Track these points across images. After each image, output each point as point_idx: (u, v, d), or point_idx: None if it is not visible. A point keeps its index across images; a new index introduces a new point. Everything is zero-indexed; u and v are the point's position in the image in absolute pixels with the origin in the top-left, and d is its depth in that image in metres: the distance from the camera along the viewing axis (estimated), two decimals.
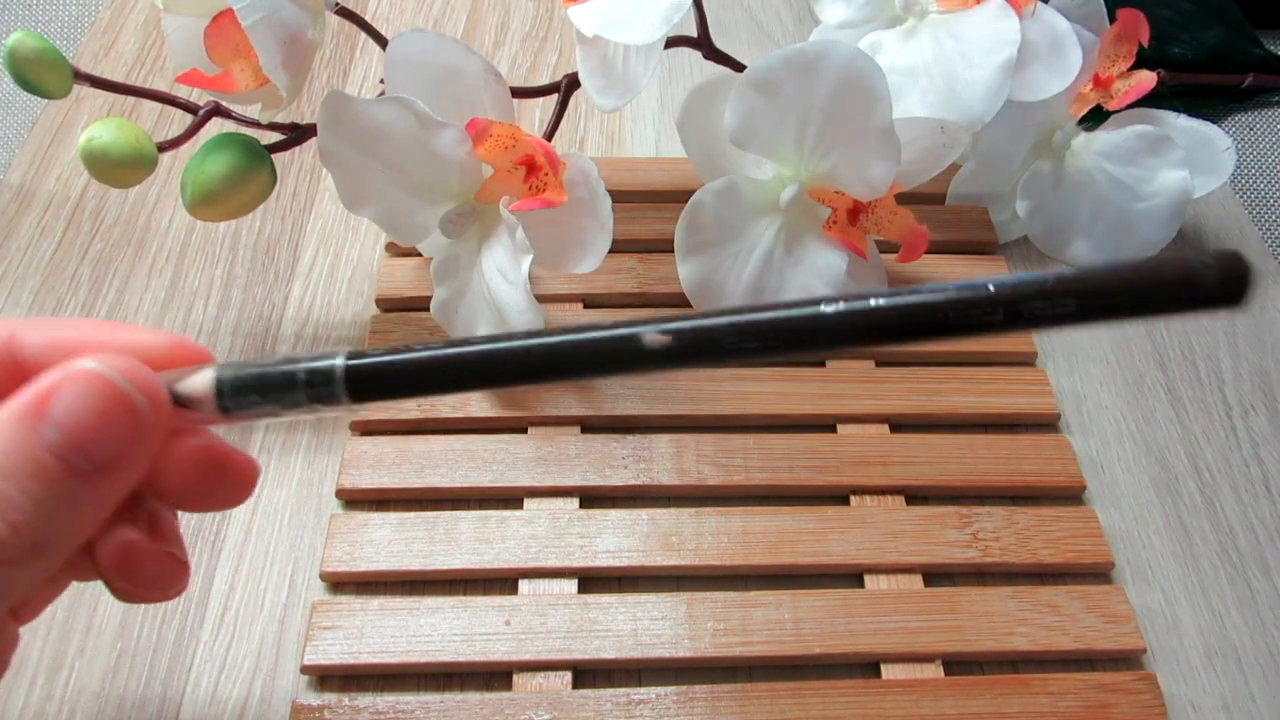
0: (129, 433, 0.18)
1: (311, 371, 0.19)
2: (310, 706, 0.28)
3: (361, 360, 0.19)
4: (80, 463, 0.18)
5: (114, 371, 0.18)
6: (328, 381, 0.19)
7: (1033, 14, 0.36)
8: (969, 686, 0.29)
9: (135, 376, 0.18)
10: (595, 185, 0.32)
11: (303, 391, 0.19)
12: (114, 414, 0.18)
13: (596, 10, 0.34)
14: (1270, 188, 0.47)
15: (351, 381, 0.19)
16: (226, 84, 0.33)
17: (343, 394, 0.19)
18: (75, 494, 0.18)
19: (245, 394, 0.19)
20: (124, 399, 0.18)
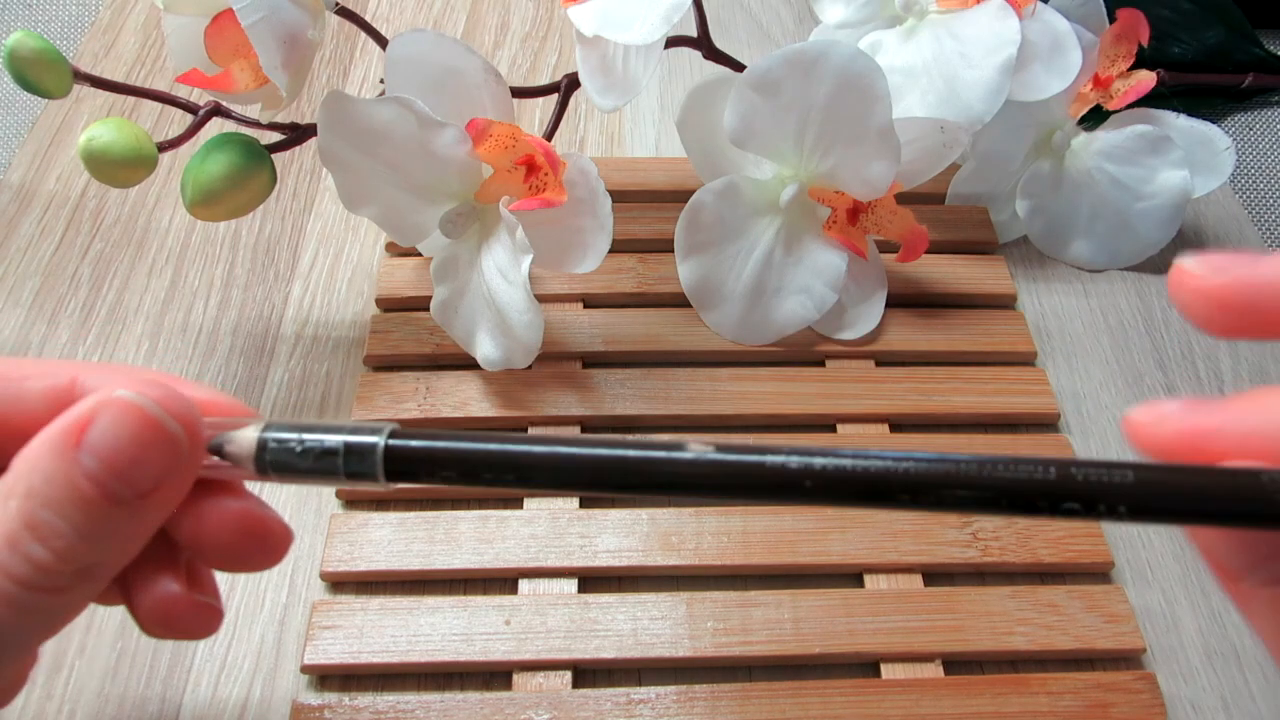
0: (166, 460, 0.19)
1: (350, 447, 0.19)
2: (310, 706, 0.28)
3: (401, 443, 0.19)
4: (119, 489, 0.18)
5: (148, 400, 0.18)
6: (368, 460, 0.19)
7: (1033, 14, 0.36)
8: (969, 686, 0.29)
9: (169, 404, 0.19)
10: (595, 185, 0.32)
11: (340, 466, 0.19)
12: (150, 441, 0.18)
13: (596, 10, 0.34)
14: (1270, 188, 0.47)
15: (390, 463, 0.19)
16: (226, 84, 0.33)
17: (380, 474, 0.19)
18: (115, 521, 0.18)
19: (285, 459, 0.19)
20: (159, 427, 0.18)
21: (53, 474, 0.18)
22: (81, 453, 0.18)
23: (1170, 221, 0.40)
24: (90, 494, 0.18)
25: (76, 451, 0.18)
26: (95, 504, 0.18)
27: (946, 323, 0.38)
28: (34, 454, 0.18)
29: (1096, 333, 0.39)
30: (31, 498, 0.18)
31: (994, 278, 0.39)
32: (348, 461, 0.19)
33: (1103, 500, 0.17)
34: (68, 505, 0.18)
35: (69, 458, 0.18)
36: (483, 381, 0.35)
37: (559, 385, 0.35)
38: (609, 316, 0.38)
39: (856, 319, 0.37)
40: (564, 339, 0.37)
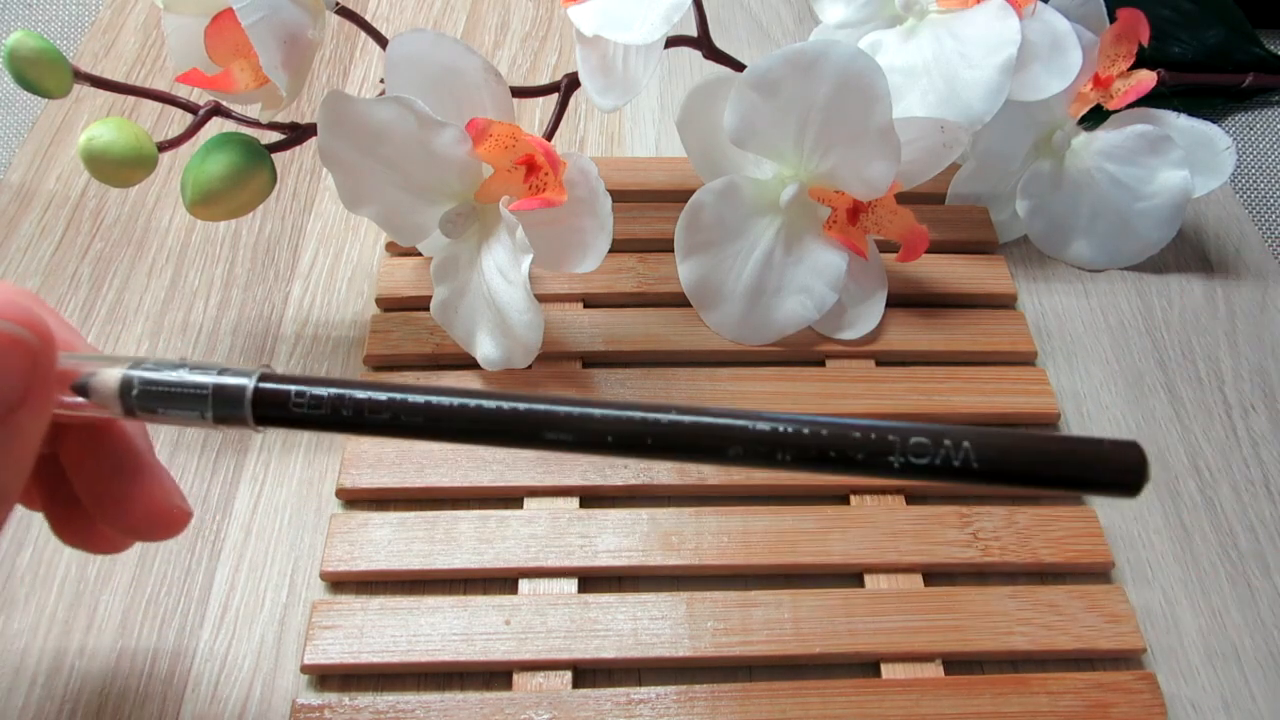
0: (23, 365, 0.18)
1: (219, 389, 0.19)
2: (310, 706, 0.28)
3: (272, 385, 0.19)
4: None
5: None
6: (235, 404, 0.19)
7: (1033, 14, 0.36)
8: (969, 686, 0.29)
9: (10, 312, 0.18)
10: (595, 185, 0.32)
11: (209, 409, 0.19)
12: (2, 354, 0.18)
13: (596, 10, 0.34)
14: (1270, 187, 0.47)
15: (259, 407, 0.19)
16: (226, 84, 0.33)
17: (248, 416, 0.19)
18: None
19: (151, 400, 0.19)
20: (6, 337, 0.18)
21: None
22: None
23: (1170, 221, 0.40)
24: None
25: None
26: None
27: (947, 323, 0.38)
28: None
29: (1097, 333, 0.39)
30: None
31: (994, 278, 0.39)
32: (216, 405, 0.19)
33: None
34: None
35: None
36: (483, 381, 0.35)
37: (559, 385, 0.35)
38: (609, 316, 0.38)
39: (857, 319, 0.37)
40: (564, 339, 0.37)
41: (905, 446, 0.18)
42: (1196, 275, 0.42)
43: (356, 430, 0.19)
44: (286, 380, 0.19)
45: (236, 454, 0.34)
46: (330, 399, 0.19)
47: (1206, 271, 0.42)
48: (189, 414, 0.19)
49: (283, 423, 0.19)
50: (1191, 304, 0.40)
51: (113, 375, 0.19)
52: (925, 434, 0.18)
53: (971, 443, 0.18)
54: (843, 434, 0.18)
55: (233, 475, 0.34)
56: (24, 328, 0.18)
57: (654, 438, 0.18)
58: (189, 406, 0.19)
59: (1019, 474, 0.18)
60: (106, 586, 0.31)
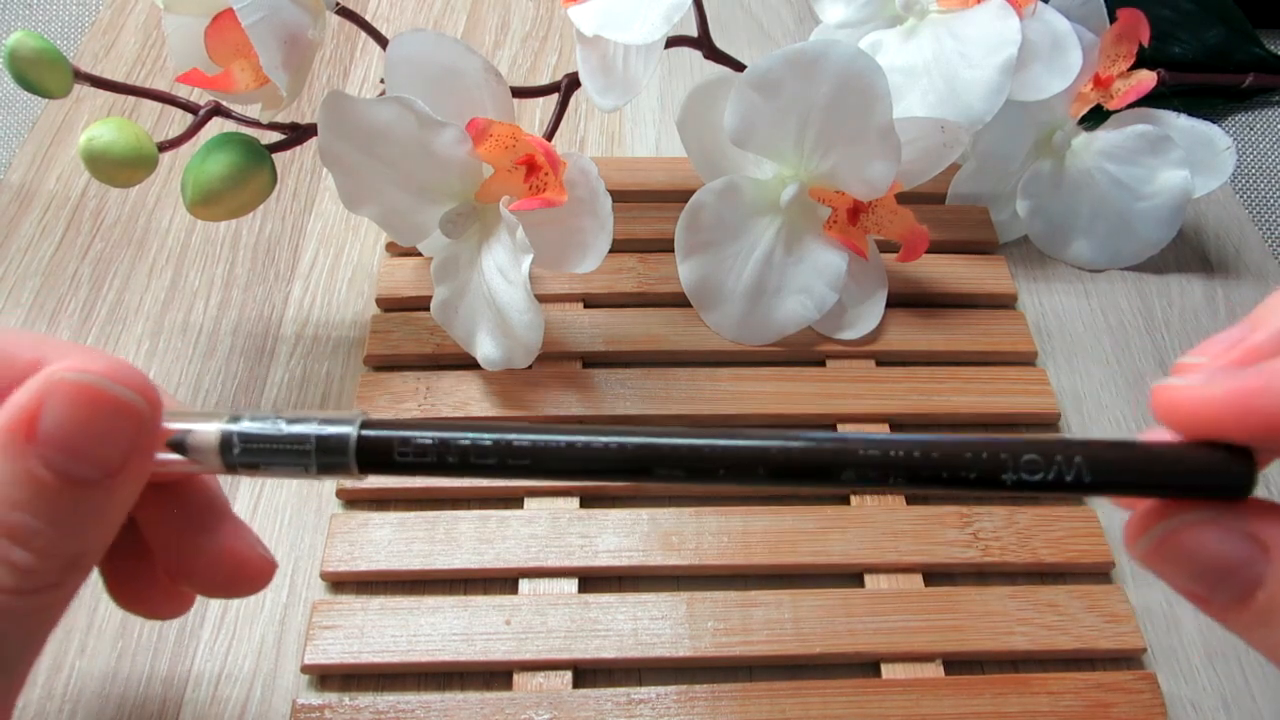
0: (129, 431, 0.18)
1: (323, 441, 0.19)
2: (311, 706, 0.28)
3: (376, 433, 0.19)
4: (87, 473, 0.17)
5: (94, 376, 0.17)
6: (339, 453, 0.19)
7: (1033, 14, 0.36)
8: (969, 686, 0.29)
9: (118, 374, 0.18)
10: (595, 185, 0.32)
11: (313, 462, 0.19)
12: (108, 416, 0.18)
13: (596, 10, 0.34)
14: (1270, 188, 0.47)
15: (363, 455, 0.19)
16: (227, 84, 0.33)
17: (352, 465, 0.19)
18: (90, 505, 0.18)
19: (252, 455, 0.19)
20: (114, 401, 0.18)
21: (11, 474, 0.17)
22: (37, 446, 0.17)
23: (1171, 221, 0.40)
24: (56, 484, 0.17)
25: (31, 445, 0.17)
26: (64, 493, 0.17)
27: (947, 323, 0.38)
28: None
29: (1097, 333, 0.39)
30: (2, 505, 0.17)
31: (994, 278, 0.39)
32: (320, 455, 0.19)
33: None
34: (36, 502, 0.17)
35: (24, 453, 0.17)
36: (483, 381, 0.35)
37: (559, 385, 0.35)
38: (609, 316, 0.38)
39: (857, 319, 0.37)
40: (564, 339, 0.37)
41: (1018, 464, 0.18)
42: (1196, 275, 0.42)
43: (462, 474, 0.19)
44: (388, 426, 0.19)
45: None
46: (436, 446, 0.19)
47: (1206, 271, 0.42)
48: (292, 467, 0.19)
49: (387, 470, 0.19)
50: (1191, 304, 0.40)
51: (211, 431, 0.19)
52: (1036, 449, 0.18)
53: (1083, 457, 0.18)
54: (955, 454, 0.18)
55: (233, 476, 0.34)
56: (134, 392, 0.18)
57: (766, 467, 0.18)
58: (292, 460, 0.19)
59: (1131, 484, 0.18)
60: None
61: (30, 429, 0.17)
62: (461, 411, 0.35)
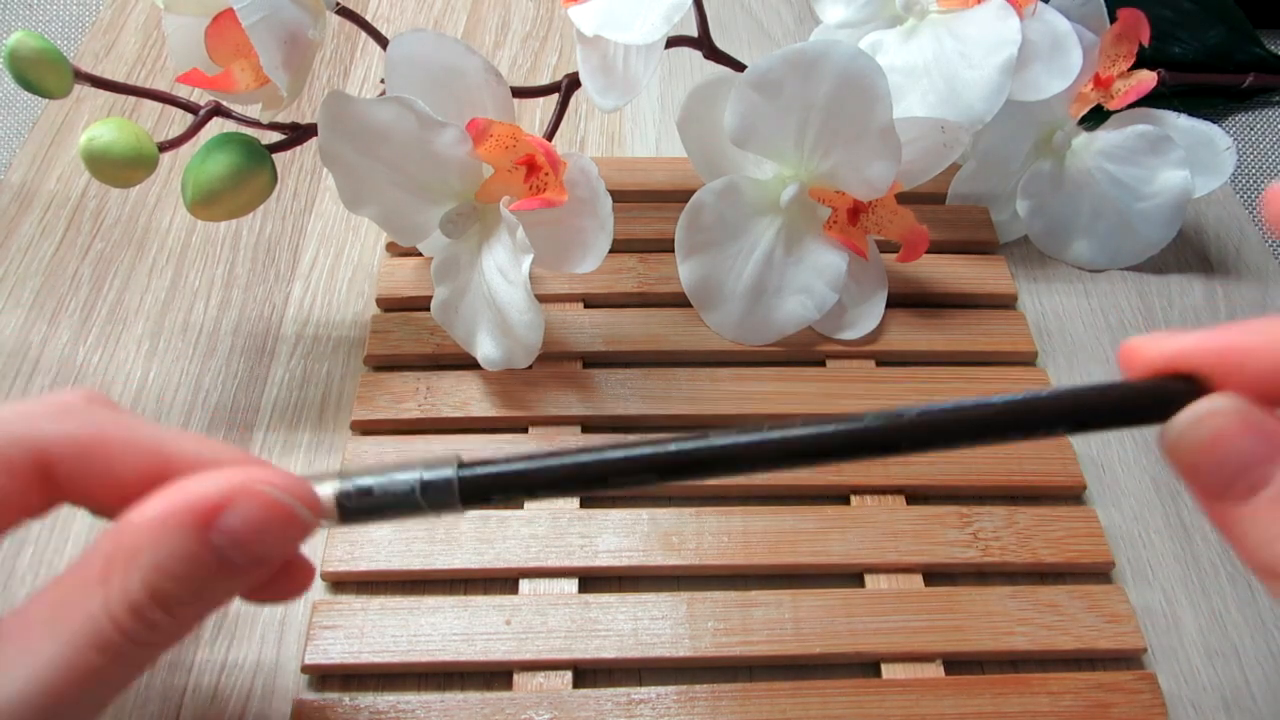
0: (295, 539, 0.21)
1: (425, 484, 0.21)
2: (311, 706, 0.28)
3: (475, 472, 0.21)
4: (245, 564, 0.20)
5: (280, 492, 0.20)
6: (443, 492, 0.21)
7: (1033, 14, 0.36)
8: (969, 686, 0.29)
9: (298, 491, 0.20)
10: (595, 185, 0.32)
11: (421, 504, 0.21)
12: (282, 526, 0.20)
13: (597, 10, 0.34)
14: None
15: (465, 493, 0.21)
16: (227, 84, 0.33)
17: (456, 503, 0.21)
18: (233, 585, 0.20)
19: (364, 507, 0.21)
20: (292, 515, 0.20)
21: (182, 552, 0.19)
22: (214, 534, 0.19)
23: (1171, 221, 0.40)
24: (216, 568, 0.20)
25: (208, 532, 0.19)
26: (220, 576, 0.20)
27: (947, 323, 0.38)
28: (157, 529, 0.19)
29: (1097, 333, 0.39)
30: (159, 571, 0.19)
31: (995, 278, 0.39)
32: (426, 497, 0.21)
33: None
34: (195, 580, 0.19)
35: (200, 539, 0.19)
36: (483, 381, 0.35)
37: (560, 385, 0.35)
38: (609, 316, 0.38)
39: (857, 319, 0.37)
40: (564, 339, 0.37)
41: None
42: (1196, 275, 0.42)
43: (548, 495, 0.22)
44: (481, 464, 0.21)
45: None
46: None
47: (1206, 271, 0.42)
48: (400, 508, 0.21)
49: (488, 503, 0.21)
50: (1191, 304, 0.40)
51: (327, 492, 0.21)
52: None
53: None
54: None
55: None
56: (306, 508, 0.21)
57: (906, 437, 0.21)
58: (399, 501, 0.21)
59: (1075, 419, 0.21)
60: None
61: (210, 518, 0.19)
62: (462, 411, 0.35)
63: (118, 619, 0.19)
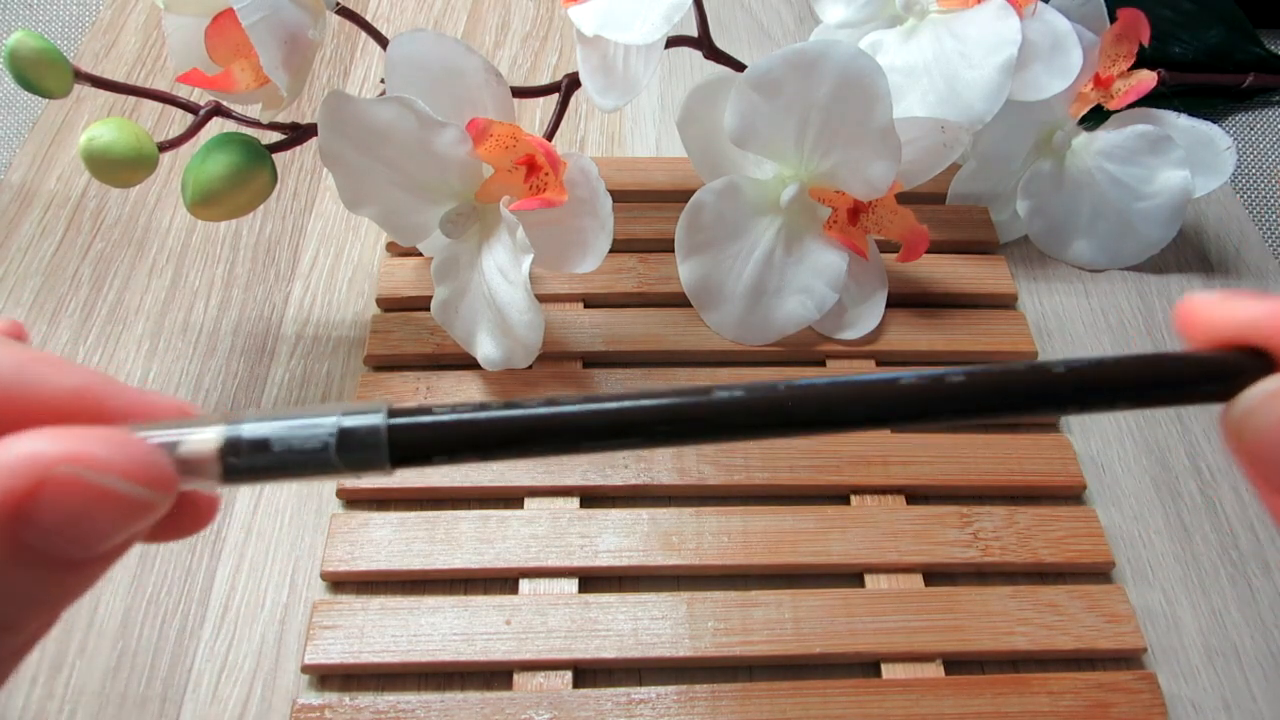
0: (131, 523, 0.16)
1: (345, 434, 0.16)
2: (311, 706, 0.28)
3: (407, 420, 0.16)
4: (75, 555, 0.16)
5: (104, 476, 0.15)
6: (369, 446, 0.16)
7: (1033, 14, 0.36)
8: (969, 686, 0.29)
9: (128, 465, 0.15)
10: (595, 185, 0.32)
11: (335, 462, 0.16)
12: (116, 514, 0.15)
13: (597, 10, 0.34)
14: (1270, 187, 0.47)
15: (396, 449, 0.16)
16: (227, 84, 0.33)
17: (385, 460, 0.16)
18: (69, 581, 0.16)
19: (256, 456, 0.16)
20: (122, 499, 0.15)
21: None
22: (28, 533, 0.15)
23: (1171, 221, 0.40)
24: (40, 567, 0.15)
25: (21, 532, 0.15)
26: (47, 575, 0.15)
27: (947, 323, 0.38)
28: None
29: (1097, 333, 0.39)
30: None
31: (995, 278, 0.39)
32: (343, 455, 0.16)
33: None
34: (23, 590, 0.15)
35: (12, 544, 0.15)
36: (483, 381, 0.35)
37: (559, 385, 0.35)
38: (609, 316, 0.38)
39: (857, 319, 0.37)
40: (564, 339, 0.37)
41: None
42: (1197, 275, 0.42)
43: (498, 456, 0.17)
44: (419, 412, 0.16)
45: None
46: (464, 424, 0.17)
47: (1207, 271, 0.42)
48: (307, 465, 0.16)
49: (426, 462, 0.17)
50: None
51: (208, 438, 0.16)
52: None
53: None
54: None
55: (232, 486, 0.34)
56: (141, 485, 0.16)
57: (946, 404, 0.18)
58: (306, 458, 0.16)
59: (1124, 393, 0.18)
60: (107, 586, 0.31)
61: (15, 513, 0.15)
62: None
63: None
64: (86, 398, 0.17)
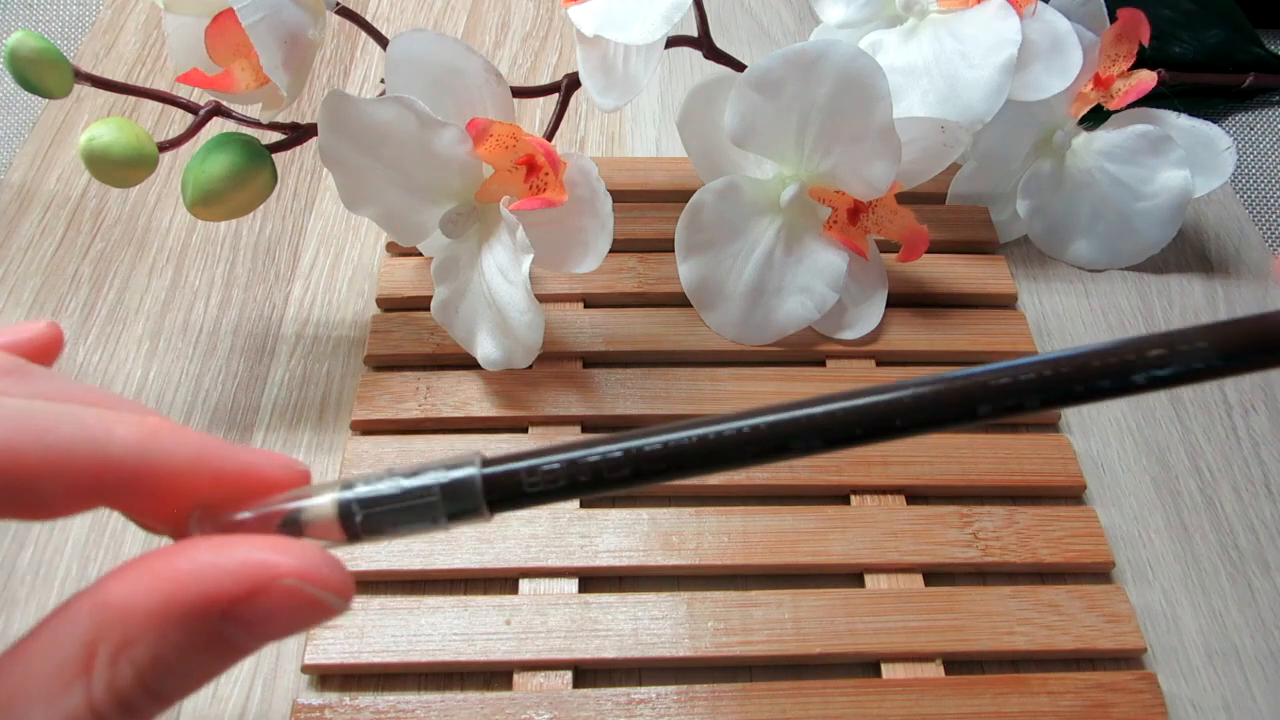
0: (316, 623, 0.18)
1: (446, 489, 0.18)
2: (311, 706, 0.28)
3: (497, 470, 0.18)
4: (255, 648, 0.17)
5: (316, 589, 0.17)
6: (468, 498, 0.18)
7: (1033, 13, 0.36)
8: (969, 686, 0.29)
9: (331, 579, 0.17)
10: (595, 185, 0.32)
11: (441, 511, 0.18)
12: (309, 618, 0.17)
13: (597, 10, 0.34)
14: (1270, 187, 0.47)
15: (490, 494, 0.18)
16: (227, 84, 0.33)
17: (483, 508, 0.18)
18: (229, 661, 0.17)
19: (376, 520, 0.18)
20: (321, 607, 0.17)
21: (188, 646, 0.16)
22: (226, 625, 0.16)
23: (1171, 221, 0.40)
24: (222, 655, 0.17)
25: (220, 624, 0.16)
26: (223, 661, 0.17)
27: (947, 323, 0.38)
28: (157, 620, 0.16)
29: (1097, 333, 0.39)
30: (158, 665, 0.16)
31: (995, 278, 0.39)
32: (447, 503, 0.18)
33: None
34: (194, 670, 0.17)
35: (210, 633, 0.16)
36: (483, 381, 0.35)
37: (560, 385, 0.35)
38: (609, 316, 0.38)
39: (857, 319, 0.37)
40: (565, 339, 0.37)
41: (1147, 362, 0.17)
42: (1196, 275, 0.42)
43: (596, 491, 0.18)
44: (510, 460, 0.18)
45: None
46: (565, 469, 0.18)
47: (1206, 271, 0.42)
48: (419, 523, 0.18)
49: (519, 504, 0.18)
50: (1192, 304, 0.40)
51: (326, 504, 0.18)
52: (1160, 344, 0.17)
53: (1209, 341, 0.17)
54: (1083, 364, 0.18)
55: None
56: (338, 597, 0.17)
57: (902, 418, 0.18)
58: (418, 516, 0.18)
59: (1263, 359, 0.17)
60: None
61: (224, 610, 0.16)
62: (462, 411, 0.35)
63: (101, 713, 0.16)
64: (204, 461, 0.18)
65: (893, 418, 0.18)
